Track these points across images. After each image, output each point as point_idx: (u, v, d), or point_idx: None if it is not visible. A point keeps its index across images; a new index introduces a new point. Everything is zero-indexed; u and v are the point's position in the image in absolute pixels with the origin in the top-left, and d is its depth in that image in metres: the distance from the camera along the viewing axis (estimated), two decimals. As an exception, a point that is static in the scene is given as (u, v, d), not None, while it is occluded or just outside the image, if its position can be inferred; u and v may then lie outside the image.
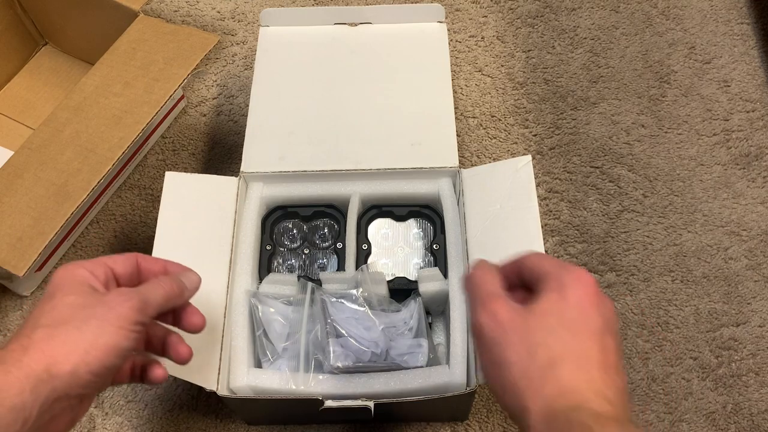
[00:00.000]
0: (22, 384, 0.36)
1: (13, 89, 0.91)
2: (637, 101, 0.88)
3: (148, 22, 0.76)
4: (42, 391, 0.37)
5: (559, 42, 0.93)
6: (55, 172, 0.66)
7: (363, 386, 0.56)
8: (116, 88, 0.71)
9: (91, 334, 0.39)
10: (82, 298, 0.41)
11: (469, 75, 0.90)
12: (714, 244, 0.78)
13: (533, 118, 0.87)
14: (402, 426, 0.68)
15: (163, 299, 0.44)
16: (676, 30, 0.94)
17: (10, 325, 0.73)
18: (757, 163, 0.83)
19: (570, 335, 0.38)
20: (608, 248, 0.78)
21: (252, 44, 0.93)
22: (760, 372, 0.70)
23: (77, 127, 0.69)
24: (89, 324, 0.39)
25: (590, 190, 0.82)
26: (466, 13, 0.96)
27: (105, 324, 0.39)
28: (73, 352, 0.38)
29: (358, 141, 0.68)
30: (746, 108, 0.87)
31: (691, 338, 0.72)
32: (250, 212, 0.65)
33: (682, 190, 0.81)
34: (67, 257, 0.77)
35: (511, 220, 0.60)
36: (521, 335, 0.38)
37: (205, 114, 0.88)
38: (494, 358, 0.39)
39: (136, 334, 0.41)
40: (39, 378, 0.37)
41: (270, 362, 0.61)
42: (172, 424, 0.68)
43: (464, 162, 0.83)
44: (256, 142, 0.68)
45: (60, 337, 0.38)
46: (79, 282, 0.42)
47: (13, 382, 0.36)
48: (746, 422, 0.68)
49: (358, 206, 0.66)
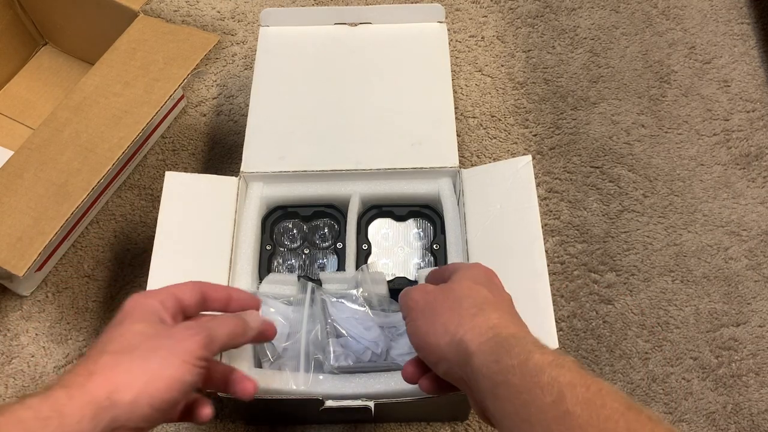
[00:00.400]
0: (83, 410, 0.36)
1: (13, 89, 0.91)
2: (637, 101, 0.88)
3: (148, 22, 0.75)
4: (102, 419, 0.36)
5: (559, 42, 0.93)
6: (55, 172, 0.66)
7: (363, 386, 0.56)
8: (116, 88, 0.71)
9: (156, 365, 0.39)
10: (151, 328, 0.41)
11: (469, 75, 0.90)
12: (714, 244, 0.78)
13: (533, 118, 0.87)
14: (402, 426, 0.68)
15: (228, 337, 0.44)
16: (676, 30, 0.94)
17: (10, 325, 0.73)
18: (757, 163, 0.83)
19: (487, 290, 0.45)
20: (608, 248, 0.78)
21: (252, 44, 0.93)
22: (760, 372, 0.70)
23: (77, 127, 0.69)
24: (156, 354, 0.39)
25: (590, 190, 0.81)
26: (466, 13, 0.96)
27: (171, 356, 0.39)
28: (137, 381, 0.38)
29: (358, 141, 0.68)
30: (746, 108, 0.87)
31: (692, 338, 0.72)
32: (250, 212, 0.65)
33: (682, 190, 0.81)
34: (67, 257, 0.77)
35: (511, 220, 0.60)
36: (448, 295, 0.45)
37: (205, 114, 0.88)
38: (428, 318, 0.44)
39: (200, 369, 0.41)
40: (100, 405, 0.36)
41: (270, 362, 0.61)
42: (171, 424, 0.68)
43: (464, 162, 0.83)
44: (256, 142, 0.68)
45: (125, 364, 0.38)
46: (149, 312, 0.42)
47: (75, 409, 0.36)
48: (746, 422, 0.68)
49: (358, 206, 0.66)
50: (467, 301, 0.44)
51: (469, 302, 0.44)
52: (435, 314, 0.44)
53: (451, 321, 0.43)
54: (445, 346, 0.42)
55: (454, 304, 0.44)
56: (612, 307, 0.74)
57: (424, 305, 0.45)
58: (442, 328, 0.43)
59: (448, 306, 0.44)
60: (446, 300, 0.45)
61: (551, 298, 0.56)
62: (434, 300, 0.45)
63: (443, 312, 0.44)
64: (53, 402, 0.36)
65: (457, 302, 0.44)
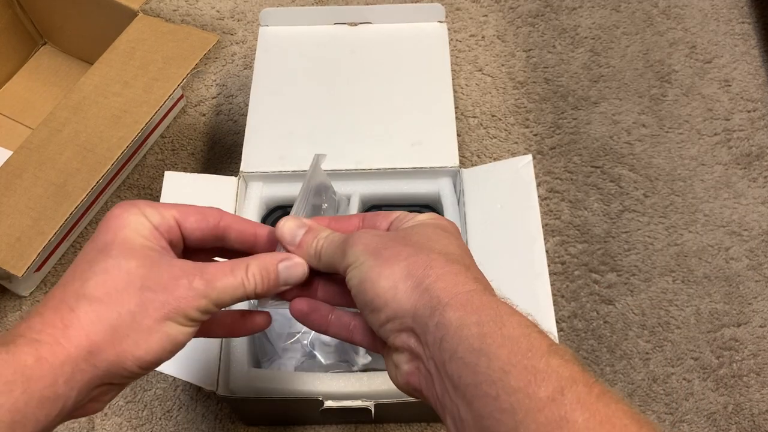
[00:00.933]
0: (56, 373, 0.30)
1: (12, 89, 0.91)
2: (638, 101, 0.88)
3: (148, 22, 0.75)
4: (78, 380, 0.31)
5: (560, 41, 0.93)
6: (54, 172, 0.66)
7: (363, 386, 0.56)
8: (115, 87, 0.71)
9: (147, 325, 0.33)
10: (143, 268, 0.34)
11: (469, 74, 0.90)
12: (715, 244, 0.77)
13: (534, 117, 0.87)
14: (402, 426, 0.68)
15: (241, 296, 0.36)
16: (677, 29, 0.94)
17: (9, 326, 0.73)
18: (758, 163, 0.83)
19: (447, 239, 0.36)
20: (609, 248, 0.77)
21: (251, 43, 0.93)
22: (761, 372, 0.70)
23: (76, 126, 0.69)
24: (147, 311, 0.33)
25: (591, 189, 0.81)
26: (466, 13, 0.96)
27: (164, 316, 0.33)
28: (123, 342, 0.32)
29: (358, 141, 0.68)
30: (747, 108, 0.87)
31: (692, 338, 0.72)
32: (249, 212, 0.65)
33: (683, 190, 0.81)
34: (67, 257, 0.77)
35: (511, 220, 0.60)
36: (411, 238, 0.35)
37: (205, 113, 0.88)
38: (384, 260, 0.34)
39: (197, 328, 0.35)
40: (77, 366, 0.31)
41: (270, 362, 0.61)
42: (171, 424, 0.68)
43: (465, 162, 0.83)
44: (255, 142, 0.68)
45: (109, 320, 0.32)
46: (141, 238, 0.35)
47: (47, 371, 0.30)
48: (747, 423, 0.68)
49: (359, 206, 0.66)
50: (436, 246, 0.34)
51: (438, 248, 0.34)
52: (392, 256, 0.34)
53: (417, 264, 0.33)
54: (403, 291, 0.32)
55: (421, 247, 0.34)
56: (613, 308, 0.74)
57: (378, 246, 0.35)
58: (402, 271, 0.33)
59: (413, 249, 0.34)
60: (407, 244, 0.34)
61: (552, 298, 0.56)
62: (391, 242, 0.35)
63: (404, 255, 0.33)
64: (17, 363, 0.30)
65: (422, 246, 0.34)
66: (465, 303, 0.31)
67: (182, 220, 0.37)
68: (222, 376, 0.57)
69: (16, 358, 0.30)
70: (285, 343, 0.61)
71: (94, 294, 0.32)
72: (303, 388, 0.56)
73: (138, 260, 0.34)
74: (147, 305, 0.33)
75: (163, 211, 0.36)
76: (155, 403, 0.69)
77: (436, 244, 0.35)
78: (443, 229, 0.36)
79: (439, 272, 0.32)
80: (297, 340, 0.61)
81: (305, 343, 0.62)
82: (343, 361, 0.61)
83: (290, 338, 0.61)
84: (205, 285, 0.34)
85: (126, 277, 0.33)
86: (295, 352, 0.61)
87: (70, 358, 0.31)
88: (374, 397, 0.55)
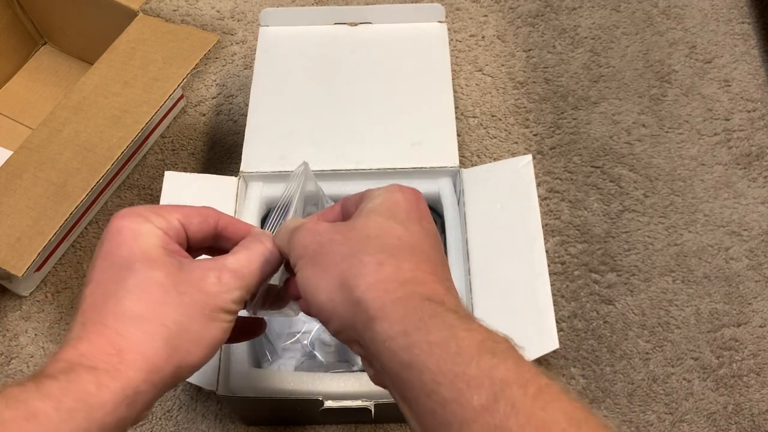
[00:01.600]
0: (117, 399, 0.30)
1: (11, 89, 0.91)
2: (638, 101, 0.88)
3: (148, 22, 0.75)
4: (140, 402, 0.32)
5: (560, 41, 0.93)
6: (54, 172, 0.66)
7: (363, 386, 0.56)
8: (115, 87, 0.71)
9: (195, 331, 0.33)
10: (171, 276, 0.33)
11: (469, 74, 0.90)
12: (715, 244, 0.78)
13: (534, 117, 0.87)
14: (402, 427, 0.68)
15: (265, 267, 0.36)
16: (676, 29, 0.94)
17: (9, 326, 0.73)
18: (758, 163, 0.83)
19: (403, 228, 0.34)
20: (609, 248, 0.77)
21: (251, 43, 0.93)
22: (761, 372, 0.70)
23: (76, 126, 0.69)
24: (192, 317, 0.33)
25: (591, 189, 0.81)
26: (466, 12, 0.96)
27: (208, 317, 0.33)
28: (177, 353, 0.32)
29: (358, 141, 0.68)
30: (747, 108, 0.87)
31: (692, 338, 0.72)
32: (249, 212, 0.65)
33: (683, 190, 0.81)
34: (67, 257, 0.77)
35: (511, 220, 0.60)
36: (348, 236, 0.34)
37: (205, 113, 0.88)
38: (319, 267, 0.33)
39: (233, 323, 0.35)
40: (138, 389, 0.31)
41: (270, 362, 0.61)
42: (171, 424, 0.68)
43: (465, 162, 0.83)
44: (255, 142, 0.68)
45: (160, 335, 0.32)
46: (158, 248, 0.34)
47: (108, 398, 0.30)
48: (747, 423, 0.68)
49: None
50: (373, 244, 0.33)
51: (375, 245, 0.33)
52: (327, 263, 0.33)
53: (349, 272, 0.32)
54: (340, 304, 0.32)
55: (355, 248, 0.33)
56: (613, 308, 0.74)
57: (315, 250, 0.34)
58: (336, 281, 0.32)
59: (346, 250, 0.33)
60: (344, 243, 0.33)
61: (551, 299, 0.56)
62: (328, 243, 0.34)
63: (338, 260, 0.33)
64: (80, 390, 0.29)
65: (358, 245, 0.33)
66: (391, 312, 0.30)
67: (186, 222, 0.37)
68: (222, 376, 0.57)
69: (77, 386, 0.29)
70: (285, 343, 0.61)
71: (136, 312, 0.32)
72: (303, 388, 0.56)
73: (163, 269, 0.34)
74: (189, 311, 0.33)
75: (166, 215, 0.36)
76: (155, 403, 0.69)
77: (377, 237, 0.33)
78: (392, 216, 0.34)
79: (369, 280, 0.31)
80: (297, 340, 0.61)
81: (305, 343, 0.62)
82: (343, 361, 0.61)
83: (290, 338, 0.61)
84: (232, 275, 0.35)
85: (160, 289, 0.33)
86: (295, 352, 0.61)
87: (131, 383, 0.31)
88: (374, 397, 0.55)
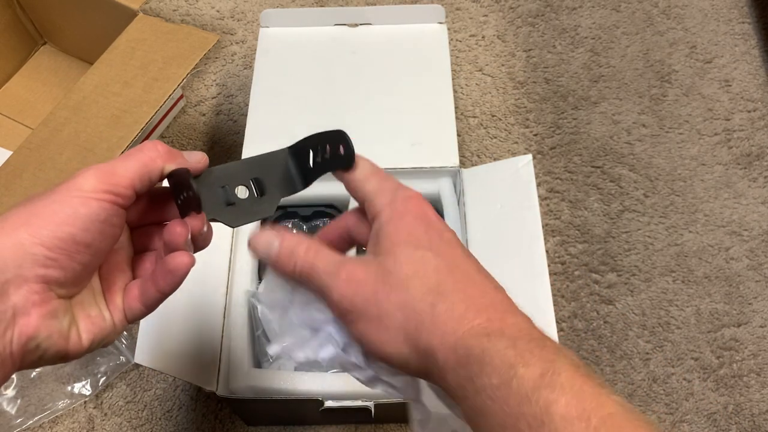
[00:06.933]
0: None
1: (11, 89, 0.91)
2: (638, 101, 0.88)
3: (148, 22, 0.75)
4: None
5: (560, 41, 0.93)
6: (54, 172, 0.66)
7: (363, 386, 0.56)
8: (115, 87, 0.71)
9: (38, 207, 0.33)
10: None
11: (469, 74, 0.90)
12: (715, 244, 0.77)
13: (534, 117, 0.87)
14: (402, 427, 0.68)
15: (138, 165, 0.35)
16: (677, 29, 0.94)
17: (9, 326, 0.73)
18: (758, 163, 0.83)
19: (432, 253, 0.34)
20: (609, 248, 0.77)
21: (251, 43, 0.93)
22: (761, 372, 0.70)
23: (76, 126, 0.69)
24: (41, 199, 0.33)
25: (591, 189, 0.81)
26: (466, 12, 0.96)
27: (56, 195, 0.33)
28: (19, 227, 0.32)
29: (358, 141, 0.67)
30: (747, 107, 0.87)
31: (693, 339, 0.72)
32: (249, 212, 0.65)
33: (683, 190, 0.81)
34: (66, 257, 0.77)
35: (511, 220, 0.60)
36: (388, 281, 0.33)
37: (205, 113, 0.88)
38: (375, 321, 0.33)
39: (100, 202, 0.33)
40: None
41: (270, 362, 0.61)
42: (171, 424, 0.68)
43: (465, 162, 0.83)
44: (255, 142, 0.67)
45: (9, 219, 0.32)
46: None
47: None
48: (747, 423, 0.68)
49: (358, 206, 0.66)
50: (416, 286, 0.32)
51: (419, 287, 0.32)
52: (383, 316, 0.33)
53: (409, 322, 0.32)
54: (408, 355, 0.32)
55: (402, 296, 0.32)
56: (613, 308, 0.74)
57: (363, 304, 0.33)
58: (400, 334, 0.32)
59: (396, 299, 0.32)
60: (390, 291, 0.33)
61: (552, 299, 0.56)
62: (373, 295, 0.33)
63: (392, 310, 0.32)
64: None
65: (405, 292, 0.32)
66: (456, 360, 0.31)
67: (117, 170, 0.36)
68: (222, 376, 0.57)
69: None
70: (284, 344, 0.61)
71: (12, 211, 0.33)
72: (303, 388, 0.56)
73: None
74: (42, 196, 0.34)
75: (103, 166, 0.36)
76: (155, 403, 0.69)
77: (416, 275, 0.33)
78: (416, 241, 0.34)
79: (428, 327, 0.32)
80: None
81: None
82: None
83: (290, 338, 0.61)
84: (96, 169, 0.34)
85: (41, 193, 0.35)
86: (295, 352, 0.61)
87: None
88: (374, 397, 0.55)
